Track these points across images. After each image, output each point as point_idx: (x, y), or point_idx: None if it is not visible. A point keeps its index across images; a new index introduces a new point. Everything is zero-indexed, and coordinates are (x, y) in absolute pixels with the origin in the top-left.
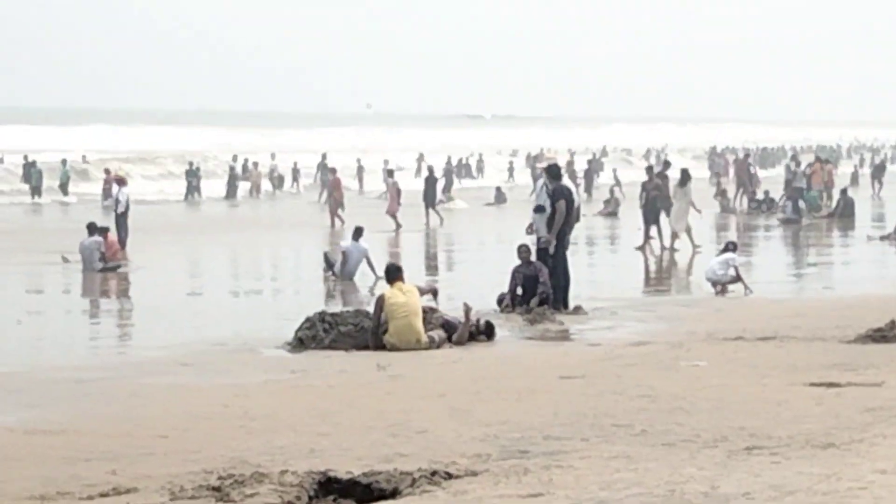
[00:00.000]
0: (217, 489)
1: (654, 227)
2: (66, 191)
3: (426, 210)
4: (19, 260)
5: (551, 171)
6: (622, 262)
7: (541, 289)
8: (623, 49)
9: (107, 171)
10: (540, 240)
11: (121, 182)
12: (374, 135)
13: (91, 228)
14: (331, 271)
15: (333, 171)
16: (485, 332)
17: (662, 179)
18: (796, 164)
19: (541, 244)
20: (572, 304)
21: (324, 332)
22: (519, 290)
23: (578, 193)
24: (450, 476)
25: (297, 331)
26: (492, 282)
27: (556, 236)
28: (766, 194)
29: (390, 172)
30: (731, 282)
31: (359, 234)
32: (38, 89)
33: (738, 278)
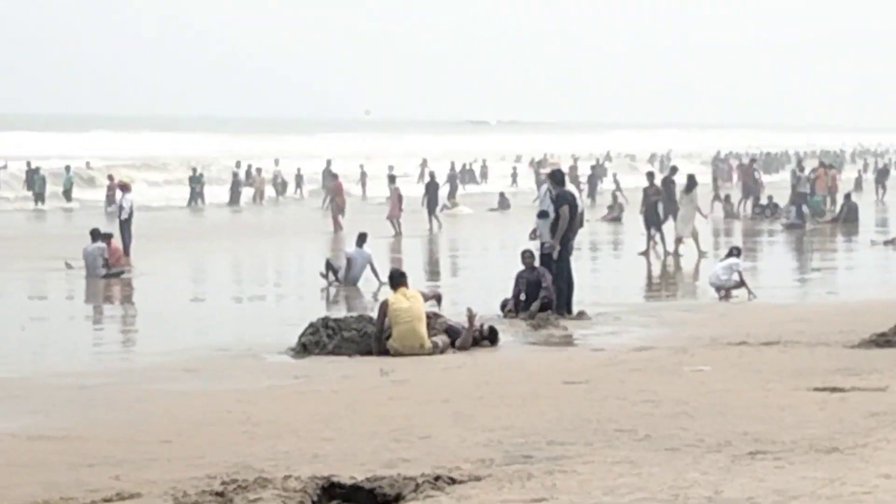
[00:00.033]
0: (220, 494)
1: (657, 232)
2: (69, 197)
3: (429, 216)
4: (23, 266)
5: (555, 177)
6: (625, 268)
7: (543, 293)
8: (629, 55)
9: (110, 177)
10: (543, 245)
11: (124, 188)
12: (377, 141)
13: (94, 234)
14: (334, 276)
15: (335, 177)
16: (488, 338)
17: (669, 184)
18: (801, 169)
19: (544, 249)
20: (576, 309)
21: (327, 338)
22: (522, 296)
23: (582, 199)
24: (453, 481)
25: (301, 336)
26: (495, 287)
27: (559, 242)
28: (769, 199)
29: (392, 178)
30: (735, 287)
31: (362, 240)
32: (41, 95)
33: (741, 283)
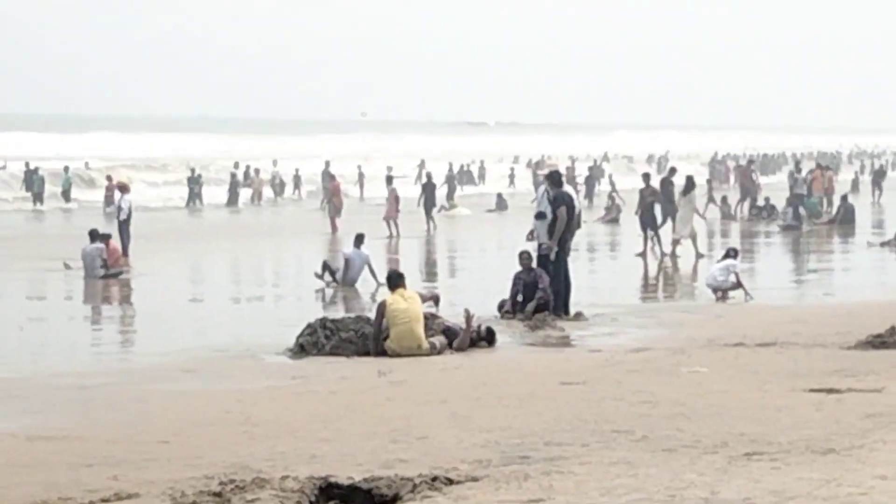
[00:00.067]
0: (218, 494)
1: (654, 233)
2: (68, 197)
3: (426, 217)
4: (21, 266)
5: (553, 178)
6: (623, 269)
7: (539, 294)
8: (627, 56)
9: (109, 177)
10: (541, 246)
11: (123, 189)
12: (376, 142)
13: (93, 235)
14: (332, 277)
15: (333, 178)
16: (486, 339)
17: (668, 186)
18: (798, 170)
19: (542, 251)
20: (573, 310)
21: (325, 339)
22: (519, 297)
23: (579, 200)
24: (450, 482)
25: (299, 337)
26: (493, 288)
27: (557, 243)
28: (766, 201)
29: (389, 179)
30: (732, 288)
31: (360, 241)
32: (41, 95)
33: (738, 284)
